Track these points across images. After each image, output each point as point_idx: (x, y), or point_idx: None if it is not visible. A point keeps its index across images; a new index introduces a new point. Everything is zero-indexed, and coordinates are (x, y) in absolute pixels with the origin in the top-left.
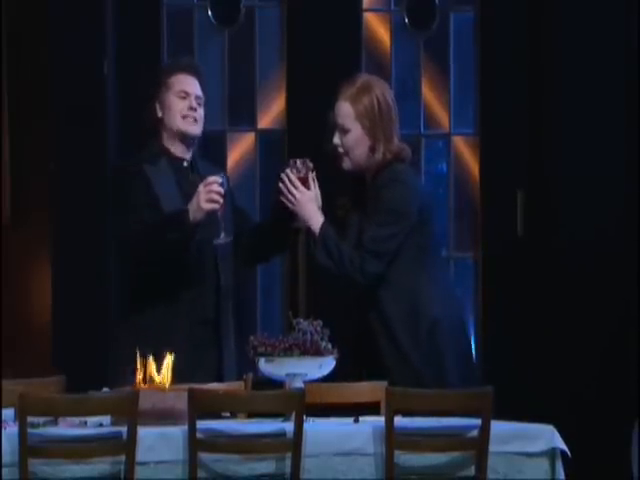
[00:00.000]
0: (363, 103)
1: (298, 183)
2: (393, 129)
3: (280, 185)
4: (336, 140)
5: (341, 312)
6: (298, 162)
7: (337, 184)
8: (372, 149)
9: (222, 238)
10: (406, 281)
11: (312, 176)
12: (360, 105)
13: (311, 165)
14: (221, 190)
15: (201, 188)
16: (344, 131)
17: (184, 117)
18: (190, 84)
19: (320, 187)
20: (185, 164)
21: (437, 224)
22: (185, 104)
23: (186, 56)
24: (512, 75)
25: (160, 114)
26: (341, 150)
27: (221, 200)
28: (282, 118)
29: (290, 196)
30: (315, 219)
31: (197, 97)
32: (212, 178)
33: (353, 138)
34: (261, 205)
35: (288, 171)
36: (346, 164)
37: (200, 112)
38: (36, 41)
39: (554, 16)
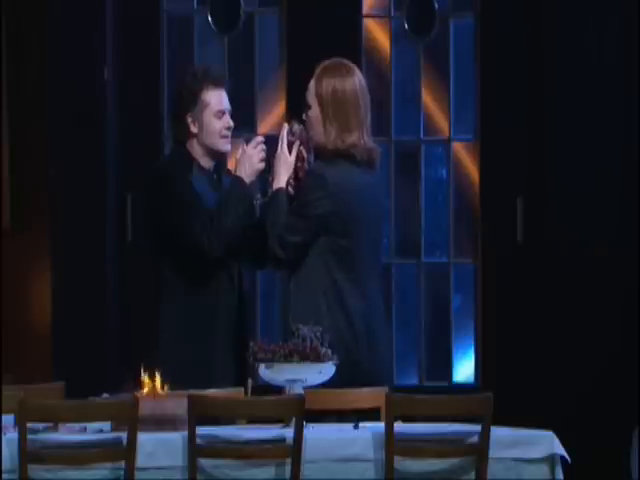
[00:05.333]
0: (322, 84)
1: (284, 143)
2: (352, 120)
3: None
4: (304, 115)
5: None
6: (293, 127)
7: None
8: (325, 131)
9: (259, 198)
10: (307, 281)
11: (296, 145)
12: (319, 86)
13: (299, 134)
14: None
15: (250, 151)
16: (307, 107)
17: (222, 137)
18: (224, 100)
19: None
20: (215, 177)
21: (363, 238)
22: (222, 124)
23: (213, 64)
24: (512, 81)
25: (195, 130)
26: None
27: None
28: (282, 124)
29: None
30: (277, 180)
31: (230, 112)
32: (258, 138)
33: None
34: (261, 212)
35: (284, 130)
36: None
37: (232, 126)
38: (36, 47)
39: (553, 22)
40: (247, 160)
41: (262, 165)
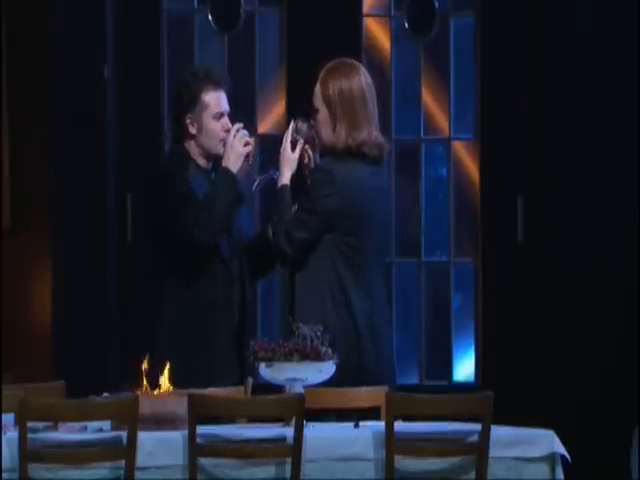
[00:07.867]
0: (328, 86)
1: (287, 140)
2: (361, 117)
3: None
4: (312, 120)
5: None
6: (298, 125)
7: None
8: (334, 132)
9: (267, 176)
10: (313, 278)
11: (300, 144)
12: (325, 88)
13: (304, 132)
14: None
15: (231, 139)
16: (315, 111)
17: (220, 140)
18: (223, 102)
19: None
20: (213, 176)
21: (370, 237)
22: (220, 126)
23: (214, 64)
24: (512, 80)
25: (193, 131)
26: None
27: (251, 141)
28: (282, 123)
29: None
30: (281, 177)
31: (228, 114)
32: (237, 125)
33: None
34: (261, 212)
35: (290, 126)
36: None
37: (230, 128)
38: (36, 47)
39: (554, 22)
40: (230, 150)
41: (248, 147)
